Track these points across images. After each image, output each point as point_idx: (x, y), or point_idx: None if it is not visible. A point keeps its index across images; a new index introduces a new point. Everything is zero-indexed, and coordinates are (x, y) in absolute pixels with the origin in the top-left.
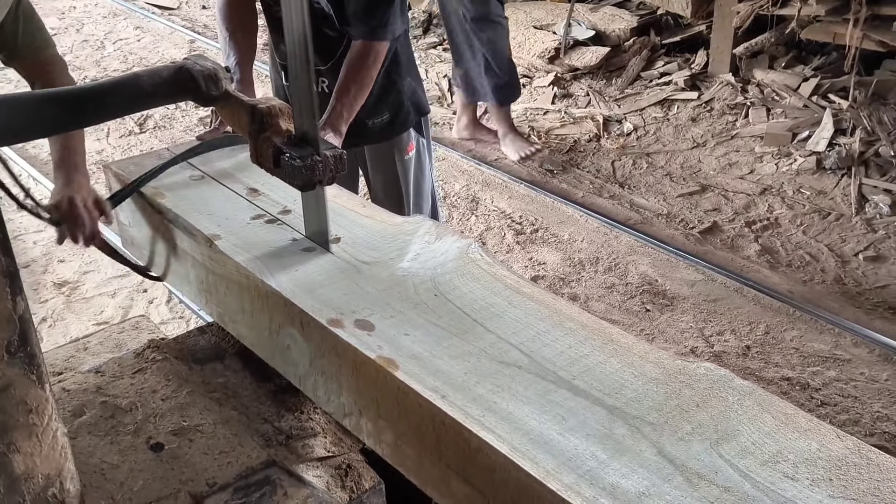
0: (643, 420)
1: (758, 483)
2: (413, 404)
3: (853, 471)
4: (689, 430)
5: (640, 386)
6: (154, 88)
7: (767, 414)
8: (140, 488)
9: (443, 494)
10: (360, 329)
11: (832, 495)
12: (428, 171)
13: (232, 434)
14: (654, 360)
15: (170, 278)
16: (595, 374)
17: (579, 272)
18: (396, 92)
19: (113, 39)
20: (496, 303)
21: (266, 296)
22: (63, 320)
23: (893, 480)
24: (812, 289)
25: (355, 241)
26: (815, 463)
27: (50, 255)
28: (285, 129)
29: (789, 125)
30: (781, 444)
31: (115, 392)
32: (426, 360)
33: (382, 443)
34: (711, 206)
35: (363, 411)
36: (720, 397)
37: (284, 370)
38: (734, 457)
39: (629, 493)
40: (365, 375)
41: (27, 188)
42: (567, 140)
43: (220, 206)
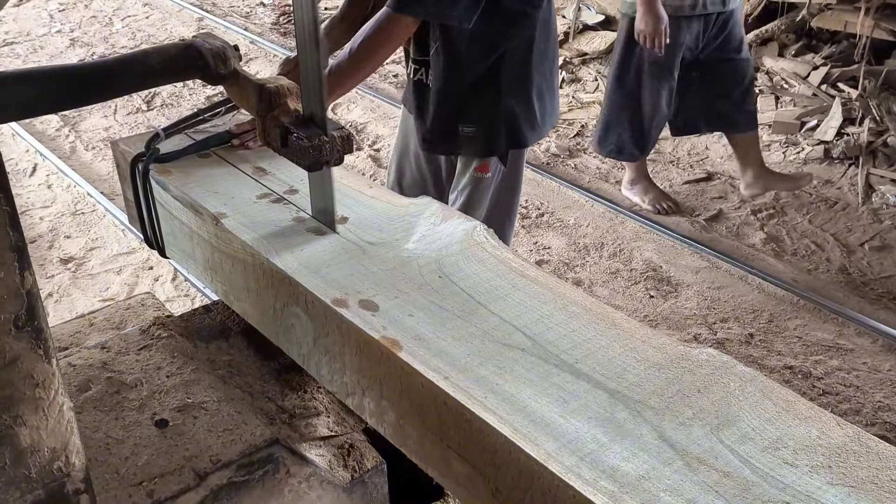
0: (644, 404)
1: (757, 469)
2: (416, 385)
3: (852, 458)
4: (690, 416)
5: (642, 370)
6: (162, 66)
7: (768, 401)
8: (144, 463)
9: (444, 474)
10: (365, 309)
11: (831, 482)
12: (508, 206)
13: (236, 412)
14: (657, 345)
15: (175, 255)
16: (597, 358)
17: (584, 257)
18: (490, 107)
19: (121, 16)
20: (500, 285)
21: (271, 274)
22: (69, 296)
23: (892, 469)
24: (817, 278)
25: (361, 222)
26: (814, 450)
27: (56, 230)
28: (293, 108)
29: (798, 113)
30: (782, 430)
31: (120, 368)
32: (430, 342)
33: (385, 423)
34: (717, 194)
35: (366, 391)
36: (722, 383)
37: (288, 349)
38: (734, 442)
39: (629, 475)
40: (368, 355)
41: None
42: (575, 125)
43: (227, 184)
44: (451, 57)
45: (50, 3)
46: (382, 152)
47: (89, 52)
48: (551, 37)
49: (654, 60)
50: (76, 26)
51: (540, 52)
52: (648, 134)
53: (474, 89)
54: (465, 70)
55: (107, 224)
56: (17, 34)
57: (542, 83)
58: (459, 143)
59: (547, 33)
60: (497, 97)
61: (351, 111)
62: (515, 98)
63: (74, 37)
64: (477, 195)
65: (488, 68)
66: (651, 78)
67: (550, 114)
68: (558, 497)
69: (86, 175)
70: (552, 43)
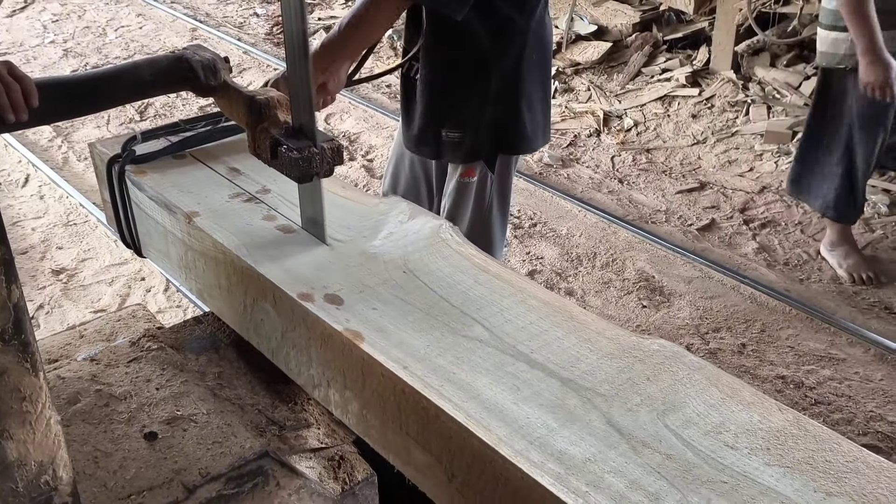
0: (595, 392)
1: (699, 451)
2: (377, 375)
3: (790, 441)
4: (638, 402)
5: (594, 360)
6: (153, 78)
7: (714, 388)
8: (133, 477)
9: (405, 462)
10: (330, 303)
11: (768, 463)
12: (495, 207)
13: (226, 424)
14: (611, 336)
15: (152, 254)
16: (552, 349)
17: (577, 267)
18: (476, 114)
19: (115, 26)
20: (463, 280)
21: (241, 271)
22: (60, 307)
23: (828, 450)
24: (808, 287)
25: (332, 221)
26: (755, 433)
27: (48, 241)
28: (283, 120)
29: (790, 123)
30: (725, 415)
31: (109, 380)
32: (391, 333)
33: (349, 413)
34: (710, 204)
35: (331, 382)
36: (671, 372)
37: (258, 343)
38: (679, 427)
39: (576, 458)
40: (332, 347)
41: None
42: (567, 135)
43: (200, 184)
44: (439, 54)
45: (43, 13)
46: (376, 163)
47: (82, 62)
48: (545, 48)
49: (866, 113)
50: (69, 37)
51: (531, 61)
52: (861, 194)
53: (461, 93)
54: (451, 70)
55: (99, 235)
56: (11, 44)
57: (532, 93)
58: (444, 148)
59: (540, 43)
60: (484, 104)
61: (344, 121)
62: (504, 106)
63: (68, 47)
64: (462, 200)
65: (476, 73)
66: (865, 133)
67: (542, 125)
68: (509, 479)
69: (78, 186)
70: (545, 54)
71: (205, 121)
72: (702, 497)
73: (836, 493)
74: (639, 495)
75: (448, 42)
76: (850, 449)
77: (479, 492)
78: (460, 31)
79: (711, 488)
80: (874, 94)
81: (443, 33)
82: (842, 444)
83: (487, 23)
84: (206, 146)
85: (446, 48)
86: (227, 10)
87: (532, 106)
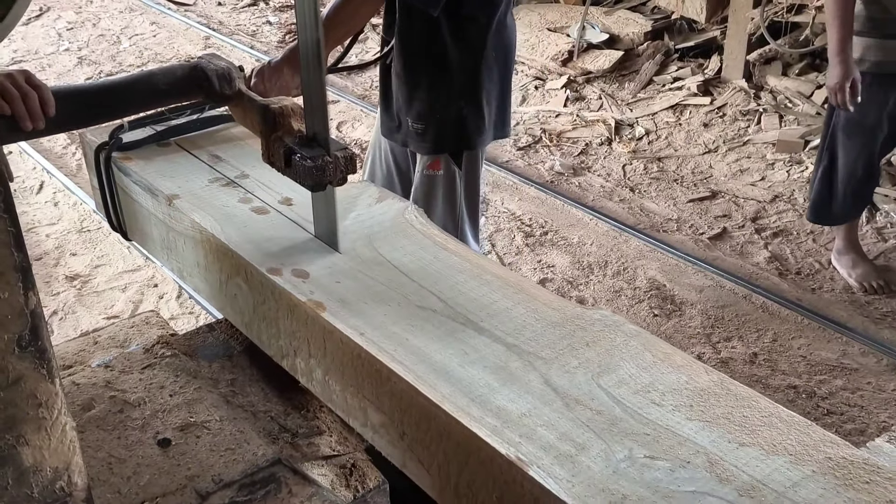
0: (536, 356)
1: (627, 407)
2: (336, 341)
3: (713, 399)
4: (576, 365)
5: (539, 328)
6: (168, 87)
7: (648, 352)
8: (146, 483)
9: (363, 424)
10: (296, 277)
11: (689, 418)
12: (462, 202)
13: (238, 431)
14: (557, 307)
15: (136, 237)
16: (501, 318)
17: (588, 275)
18: (439, 109)
19: (129, 34)
20: (423, 257)
21: (217, 249)
22: (74, 313)
23: (746, 407)
24: (821, 297)
25: (303, 203)
26: (680, 392)
27: (62, 248)
28: (297, 129)
29: (802, 132)
30: (655, 376)
31: (123, 387)
32: (352, 304)
33: (314, 380)
34: (721, 212)
35: (297, 352)
36: (609, 338)
37: (234, 319)
38: (611, 386)
39: (512, 413)
40: (298, 317)
41: None
42: (579, 143)
43: (183, 169)
44: (407, 46)
45: (58, 21)
46: None
47: (97, 70)
48: (507, 48)
49: (851, 118)
50: (84, 45)
51: (491, 59)
52: (842, 200)
53: (425, 86)
54: (417, 63)
55: (112, 241)
56: (26, 52)
57: (492, 89)
58: (409, 137)
59: (501, 44)
60: (446, 98)
61: (355, 129)
62: (465, 101)
63: (82, 55)
64: (429, 192)
65: (439, 68)
66: (846, 138)
67: (500, 120)
68: (451, 433)
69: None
70: (507, 53)
71: (189, 110)
72: (624, 447)
73: (748, 443)
74: (567, 445)
75: (416, 35)
76: (767, 406)
77: (426, 446)
78: (427, 26)
79: (634, 439)
80: (833, 97)
81: (411, 27)
82: (759, 402)
83: (452, 20)
84: (190, 135)
85: (414, 41)
86: (240, 19)
87: (490, 100)
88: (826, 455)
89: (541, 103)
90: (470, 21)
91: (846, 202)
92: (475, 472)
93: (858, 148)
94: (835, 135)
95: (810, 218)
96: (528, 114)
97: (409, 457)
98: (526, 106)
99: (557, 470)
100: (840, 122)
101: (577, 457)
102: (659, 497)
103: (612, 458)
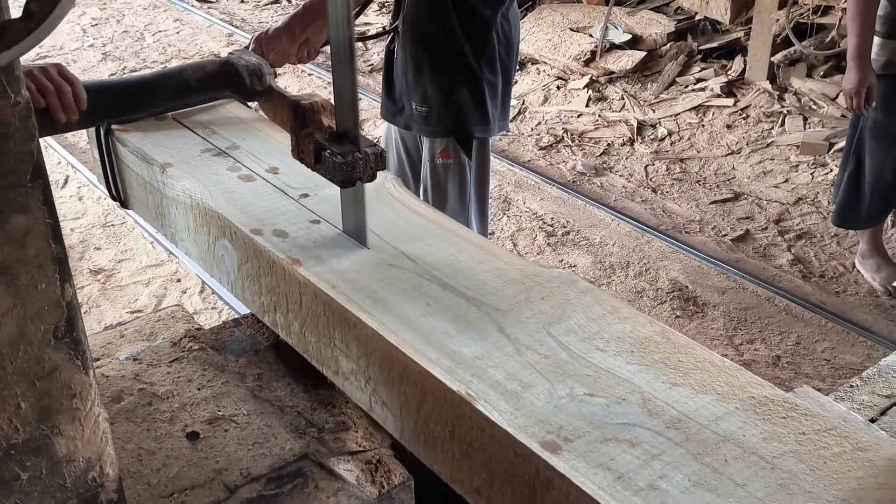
0: (494, 308)
1: (573, 352)
2: (311, 295)
3: (652, 346)
4: (529, 315)
5: (499, 284)
6: (199, 82)
7: (598, 306)
8: (175, 475)
9: (335, 372)
10: (277, 237)
11: (629, 362)
12: (471, 192)
13: (266, 426)
14: (519, 266)
15: (134, 205)
16: (465, 275)
17: (610, 276)
18: (442, 93)
19: (152, 31)
20: (397, 222)
21: (205, 213)
22: (98, 307)
23: (682, 353)
24: (844, 300)
25: (290, 172)
26: (623, 340)
27: (87, 242)
28: (327, 125)
29: (826, 135)
30: (602, 326)
31: (152, 380)
32: (327, 261)
33: (292, 333)
34: (744, 214)
35: (277, 307)
36: (563, 293)
37: (220, 279)
38: (560, 334)
39: (466, 356)
40: (276, 273)
41: None
42: (601, 143)
43: (177, 141)
44: (415, 31)
45: (83, 18)
46: None
47: (121, 66)
48: (509, 42)
49: (878, 122)
50: (108, 41)
51: (494, 52)
52: (868, 204)
53: (429, 71)
54: (423, 48)
55: (136, 236)
56: (51, 48)
57: (495, 81)
58: (413, 120)
59: (504, 38)
60: (450, 84)
61: (377, 126)
62: (469, 88)
63: (106, 51)
64: (438, 182)
65: (444, 54)
66: (873, 141)
67: (502, 113)
68: (408, 374)
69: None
70: (508, 47)
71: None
72: (566, 386)
73: (680, 384)
74: (514, 384)
75: (424, 21)
76: (702, 353)
77: (388, 388)
78: (435, 13)
79: (576, 380)
80: (848, 101)
81: (420, 12)
82: (696, 349)
83: (459, 9)
84: (187, 110)
85: (422, 26)
86: (263, 16)
87: (493, 94)
88: (750, 395)
89: (563, 103)
90: (476, 12)
91: (873, 206)
92: (431, 409)
93: (885, 151)
94: (861, 138)
95: (836, 222)
96: (550, 113)
97: (375, 399)
98: (548, 105)
99: (503, 404)
100: (867, 125)
101: (522, 394)
102: (592, 428)
103: (554, 395)
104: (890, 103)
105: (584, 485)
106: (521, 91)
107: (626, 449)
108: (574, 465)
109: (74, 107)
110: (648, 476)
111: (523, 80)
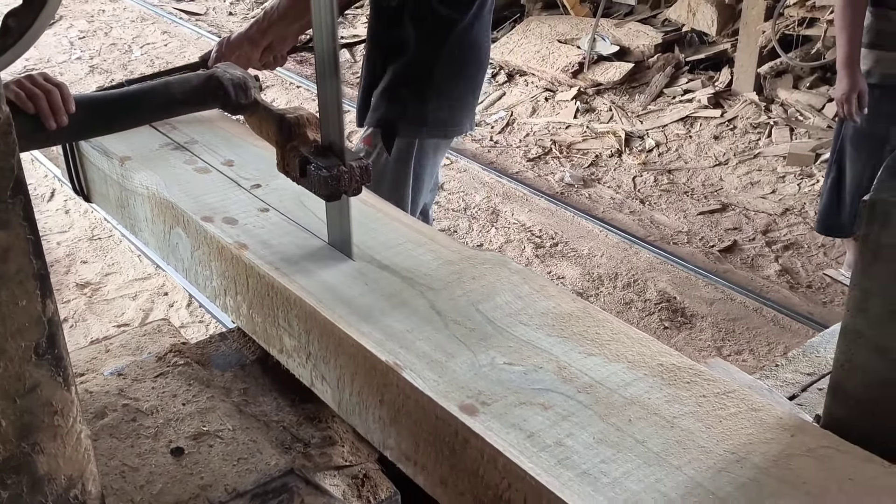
0: (428, 287)
1: (497, 326)
2: (256, 276)
3: (573, 321)
4: (461, 294)
5: (435, 266)
6: (184, 96)
7: (526, 285)
8: (159, 492)
9: (280, 351)
10: (226, 224)
11: (549, 335)
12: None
13: (251, 441)
14: (455, 249)
15: (96, 198)
16: (402, 257)
17: (598, 287)
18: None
19: (140, 43)
20: None
21: (160, 202)
22: (84, 321)
23: (600, 327)
24: (832, 311)
25: (243, 164)
26: (547, 315)
27: (73, 255)
28: (312, 139)
29: (812, 145)
30: (527, 303)
31: (136, 395)
32: (273, 246)
33: (241, 315)
34: (732, 225)
35: (227, 291)
36: (495, 274)
37: (176, 266)
38: (487, 310)
39: (397, 330)
40: (225, 258)
41: None
42: (589, 155)
43: (137, 136)
44: (374, 30)
45: (70, 30)
46: None
47: (108, 78)
48: (476, 49)
49: (859, 130)
50: (96, 53)
51: (453, 57)
52: (849, 211)
53: (383, 68)
54: (378, 45)
55: (123, 250)
56: (38, 60)
57: (445, 88)
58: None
59: (470, 43)
60: (396, 81)
61: None
62: (414, 89)
63: (94, 64)
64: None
65: (395, 52)
66: (854, 150)
67: (447, 117)
68: (342, 347)
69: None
70: (475, 53)
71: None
72: (488, 356)
73: (595, 354)
74: (439, 354)
75: (383, 21)
76: (620, 327)
77: (326, 362)
78: (393, 13)
79: (498, 350)
80: (839, 108)
81: (379, 12)
82: (613, 323)
83: (414, 13)
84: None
85: (381, 26)
86: None
87: (440, 97)
88: (659, 363)
89: (551, 115)
90: (435, 15)
91: (853, 214)
92: (363, 379)
93: (865, 160)
94: (843, 147)
95: (819, 229)
96: (538, 125)
97: (315, 374)
98: (536, 117)
99: (427, 373)
100: (848, 133)
101: (447, 363)
102: (509, 392)
103: (476, 363)
104: (870, 112)
105: (497, 443)
106: (509, 102)
107: (539, 411)
108: (489, 425)
109: (63, 109)
110: (556, 434)
111: (511, 91)
